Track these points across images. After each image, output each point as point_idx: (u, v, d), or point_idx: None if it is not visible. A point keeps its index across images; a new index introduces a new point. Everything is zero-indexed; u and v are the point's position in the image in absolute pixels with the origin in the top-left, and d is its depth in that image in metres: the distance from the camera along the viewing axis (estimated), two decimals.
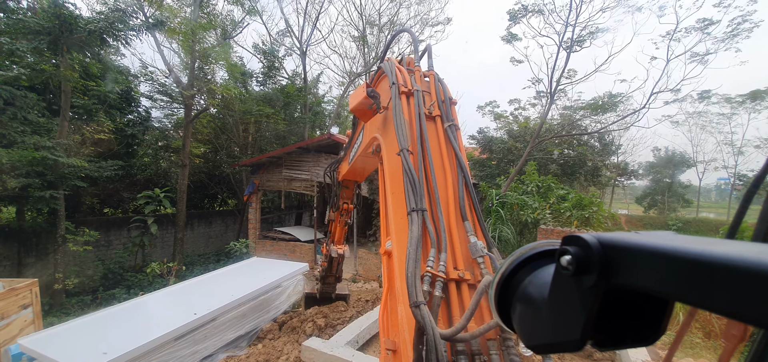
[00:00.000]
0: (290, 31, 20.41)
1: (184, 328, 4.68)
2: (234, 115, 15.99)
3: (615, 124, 21.05)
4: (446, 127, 2.13)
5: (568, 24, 14.50)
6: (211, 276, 7.18)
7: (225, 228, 17.14)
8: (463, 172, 1.99)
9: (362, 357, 4.83)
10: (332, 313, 6.66)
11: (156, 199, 12.00)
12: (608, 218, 16.22)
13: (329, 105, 24.05)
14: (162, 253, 13.17)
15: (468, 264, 1.74)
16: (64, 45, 9.28)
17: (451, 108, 2.25)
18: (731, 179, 42.54)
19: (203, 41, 13.35)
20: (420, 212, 1.68)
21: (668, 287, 0.34)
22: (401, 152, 1.87)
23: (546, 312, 0.46)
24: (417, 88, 2.18)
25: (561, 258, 0.42)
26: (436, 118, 2.17)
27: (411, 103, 2.14)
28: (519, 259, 0.55)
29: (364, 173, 4.09)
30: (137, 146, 14.09)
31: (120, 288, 10.86)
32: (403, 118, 1.99)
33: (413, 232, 1.60)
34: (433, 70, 2.43)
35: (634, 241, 0.37)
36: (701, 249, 0.32)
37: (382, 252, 2.01)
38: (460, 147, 2.09)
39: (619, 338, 0.43)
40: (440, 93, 2.26)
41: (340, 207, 4.74)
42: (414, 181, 1.76)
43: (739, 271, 0.29)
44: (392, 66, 2.32)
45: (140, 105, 14.43)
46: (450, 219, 1.83)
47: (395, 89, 2.12)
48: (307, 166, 12.71)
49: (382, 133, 2.31)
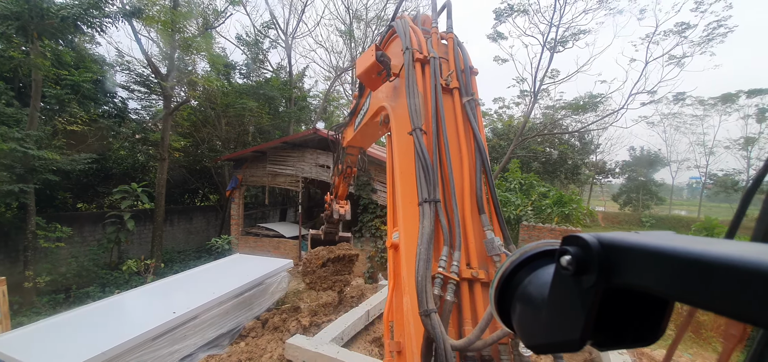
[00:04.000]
0: (275, 23, 20.04)
1: (163, 327, 4.55)
2: (216, 108, 15.59)
3: (594, 124, 21.66)
4: (465, 102, 1.88)
5: (551, 24, 14.78)
6: (191, 274, 7.01)
7: (206, 225, 16.74)
8: (482, 157, 1.77)
9: (347, 354, 4.82)
10: (321, 311, 6.62)
11: (133, 194, 11.59)
12: (587, 215, 16.75)
13: (315, 100, 23.79)
14: (139, 250, 12.76)
15: (482, 261, 1.60)
16: (34, 31, 8.80)
17: (472, 79, 1.96)
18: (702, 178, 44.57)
19: (184, 31, 12.91)
20: (433, 203, 1.51)
21: (668, 287, 0.34)
22: (414, 131, 1.66)
23: (546, 312, 0.46)
24: (433, 54, 1.88)
25: (561, 258, 0.42)
26: (453, 90, 1.91)
27: (426, 72, 1.87)
28: (519, 259, 0.55)
29: (369, 141, 3.80)
30: (113, 138, 13.56)
31: (94, 287, 10.47)
32: (416, 91, 1.75)
33: (425, 227, 1.45)
34: (453, 33, 2.10)
35: (633, 241, 0.37)
36: (701, 249, 0.32)
37: (388, 246, 1.84)
38: (479, 126, 1.85)
39: (618, 338, 0.43)
40: (460, 60, 1.97)
41: (344, 171, 4.55)
42: (427, 166, 1.57)
43: (739, 271, 0.29)
44: (406, 26, 1.99)
45: (116, 96, 13.89)
46: (465, 211, 1.66)
47: (408, 55, 1.84)
48: (292, 161, 12.54)
49: (392, 103, 2.06)
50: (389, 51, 2.20)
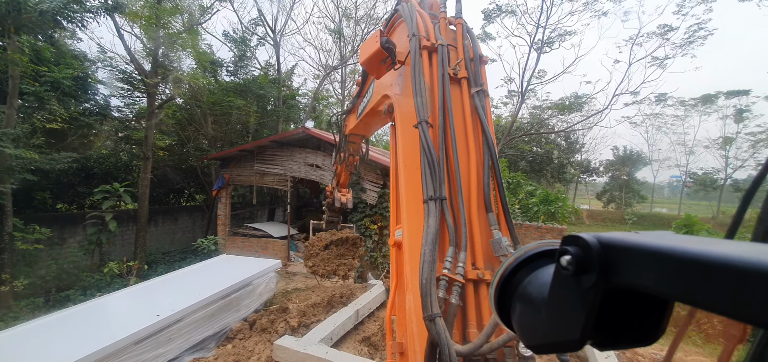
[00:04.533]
0: (263, 20, 19.80)
1: (146, 330, 4.45)
2: (202, 106, 15.30)
3: (580, 124, 22.10)
4: (473, 94, 1.79)
5: (539, 25, 15.00)
6: (176, 275, 6.88)
7: (192, 225, 16.43)
8: (490, 152, 1.69)
9: (336, 354, 4.80)
10: (310, 311, 6.57)
11: (115, 194, 11.29)
12: (572, 213, 17.08)
13: (304, 98, 23.58)
14: (122, 252, 12.44)
15: (488, 261, 1.55)
16: (11, 26, 8.48)
17: (481, 68, 1.87)
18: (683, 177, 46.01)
19: (168, 26, 12.61)
20: (438, 201, 1.46)
21: (668, 287, 0.34)
22: (419, 124, 1.59)
23: (546, 312, 0.46)
24: (441, 41, 1.79)
25: (561, 258, 0.42)
26: (461, 80, 1.82)
27: (433, 60, 1.77)
28: (519, 259, 0.55)
29: (372, 129, 3.70)
30: (95, 137, 13.18)
31: (75, 290, 10.16)
32: (423, 82, 1.66)
33: (430, 227, 1.40)
34: (462, 18, 1.99)
35: (633, 241, 0.37)
36: (701, 249, 0.32)
37: (391, 244, 1.79)
38: (488, 119, 1.77)
39: (618, 338, 0.43)
40: (469, 48, 1.87)
41: (346, 159, 4.50)
42: (433, 162, 1.50)
43: (739, 271, 0.29)
44: (412, 10, 1.90)
45: (98, 93, 13.51)
46: (471, 209, 1.60)
47: (415, 42, 1.74)
48: (281, 160, 12.41)
49: (397, 93, 1.98)
50: (394, 37, 2.09)
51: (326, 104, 26.61)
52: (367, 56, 1.93)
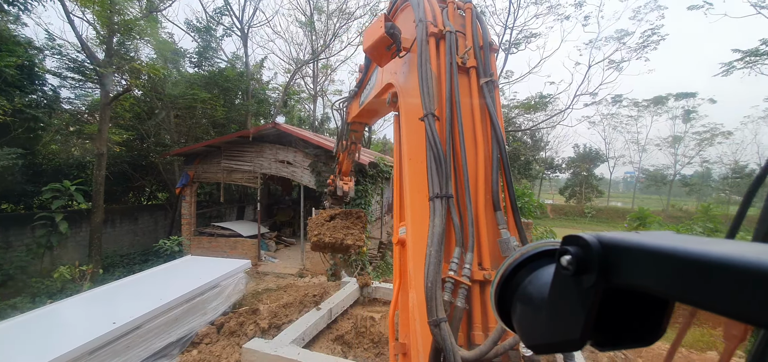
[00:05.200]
0: (229, 10, 19.00)
1: (102, 339, 4.17)
2: (164, 99, 14.48)
3: (544, 123, 23.10)
4: (482, 84, 1.70)
5: (506, 27, 15.47)
6: (136, 279, 6.49)
7: (154, 225, 15.56)
8: (499, 146, 1.61)
9: (309, 355, 4.73)
10: (281, 312, 6.43)
11: (66, 193, 10.47)
12: (538, 208, 17.85)
13: (274, 93, 22.93)
14: (75, 255, 11.57)
15: (495, 261, 1.50)
16: None
17: (491, 57, 1.77)
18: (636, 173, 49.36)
19: (124, 12, 11.78)
20: (444, 199, 1.39)
21: (668, 287, 0.33)
22: (425, 117, 1.50)
23: (546, 312, 0.45)
24: (450, 28, 1.68)
25: (561, 258, 0.42)
26: (470, 70, 1.72)
27: (441, 48, 1.67)
28: (519, 259, 0.55)
29: (375, 117, 3.58)
30: (42, 131, 12.12)
31: (23, 297, 9.34)
32: (430, 72, 1.57)
33: (436, 226, 1.33)
34: (471, 3, 1.87)
35: (633, 241, 0.37)
36: (701, 249, 0.32)
37: (395, 242, 1.72)
38: (498, 112, 1.68)
39: (618, 338, 0.43)
40: (478, 35, 1.77)
41: (348, 147, 4.36)
42: (439, 157, 1.42)
43: (740, 271, 0.29)
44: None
45: (46, 83, 12.41)
46: (479, 207, 1.54)
47: (422, 29, 1.63)
48: (250, 157, 12.01)
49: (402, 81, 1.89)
50: (399, 21, 1.97)
51: (298, 100, 26.04)
52: (371, 43, 1.80)
